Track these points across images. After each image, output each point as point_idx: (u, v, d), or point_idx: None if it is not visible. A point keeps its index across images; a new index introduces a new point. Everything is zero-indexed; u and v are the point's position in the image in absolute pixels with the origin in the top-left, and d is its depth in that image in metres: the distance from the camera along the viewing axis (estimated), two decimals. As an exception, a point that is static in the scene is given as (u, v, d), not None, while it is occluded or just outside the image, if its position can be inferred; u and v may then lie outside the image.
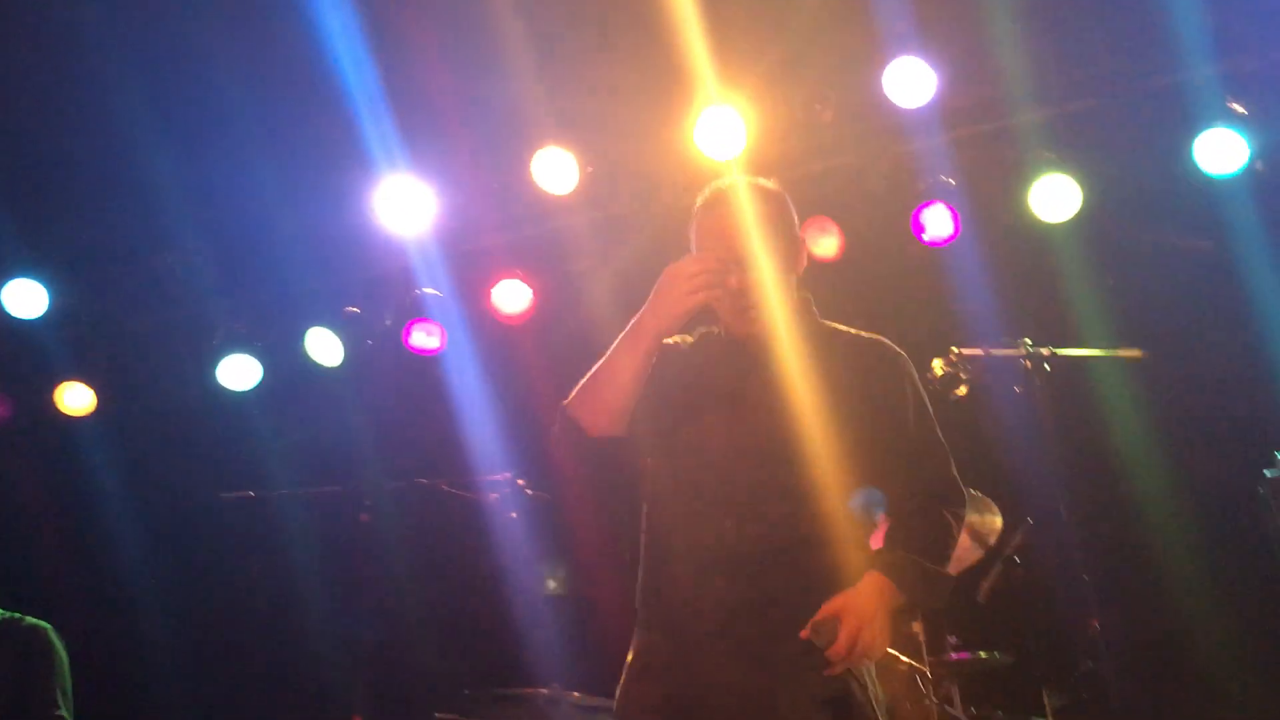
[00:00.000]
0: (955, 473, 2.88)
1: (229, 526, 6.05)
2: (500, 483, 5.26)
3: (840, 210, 5.59)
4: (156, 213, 5.85)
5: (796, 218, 3.00)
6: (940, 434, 2.92)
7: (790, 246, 2.91)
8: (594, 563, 5.76)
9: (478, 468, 5.59)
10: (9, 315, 6.04)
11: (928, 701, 4.45)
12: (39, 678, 4.68)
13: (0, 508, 6.09)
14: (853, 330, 2.99)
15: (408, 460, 5.84)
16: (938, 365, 4.79)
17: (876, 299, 5.72)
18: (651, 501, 2.90)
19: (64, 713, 4.58)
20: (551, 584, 5.98)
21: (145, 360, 6.42)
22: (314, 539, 6.05)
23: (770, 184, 2.97)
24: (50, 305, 6.07)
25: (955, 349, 4.75)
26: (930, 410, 2.92)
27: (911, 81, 5.14)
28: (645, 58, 5.22)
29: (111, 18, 4.97)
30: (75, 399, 6.33)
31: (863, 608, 2.65)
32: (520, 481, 5.25)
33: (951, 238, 5.40)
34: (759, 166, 5.43)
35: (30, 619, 4.87)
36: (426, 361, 5.95)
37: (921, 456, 2.86)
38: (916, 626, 4.61)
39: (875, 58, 5.16)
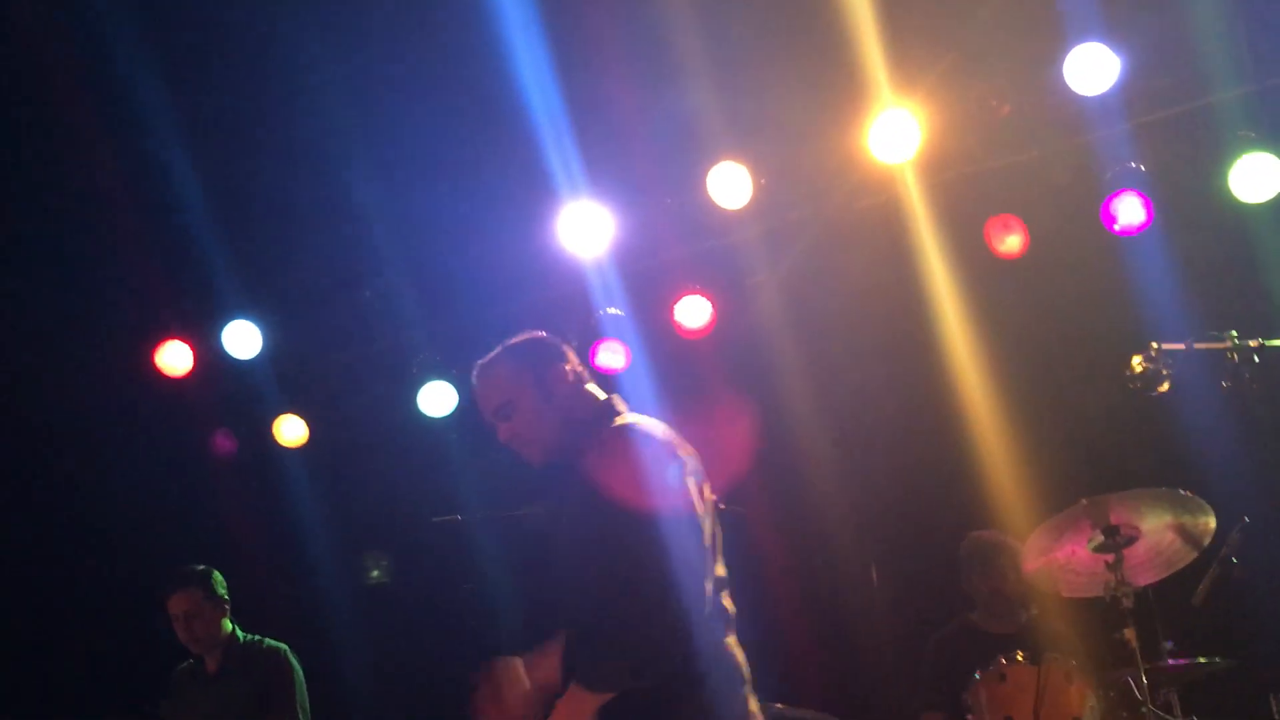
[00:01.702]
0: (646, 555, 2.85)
1: (434, 548, 6.27)
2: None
3: (1024, 206, 5.45)
4: (356, 248, 6.13)
5: (519, 364, 3.19)
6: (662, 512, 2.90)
7: (519, 392, 3.15)
8: (781, 578, 5.74)
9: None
10: (229, 356, 6.42)
11: (1145, 709, 4.27)
12: (281, 696, 5.00)
13: (229, 537, 6.43)
14: (623, 421, 3.12)
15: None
16: (1137, 362, 4.59)
17: (1068, 295, 5.55)
18: None
19: (303, 727, 4.91)
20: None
21: (351, 391, 6.71)
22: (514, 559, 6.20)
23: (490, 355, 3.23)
24: (265, 344, 6.41)
25: (1155, 344, 4.55)
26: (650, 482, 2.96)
27: (1093, 68, 4.97)
28: (817, 64, 5.21)
29: (315, 62, 5.26)
30: (291, 431, 6.64)
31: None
32: (711, 496, 5.26)
33: (1144, 226, 5.20)
34: (935, 165, 5.38)
35: (270, 641, 5.18)
36: (611, 380, 6.04)
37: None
38: (1129, 633, 4.41)
39: (1053, 47, 5.02)
